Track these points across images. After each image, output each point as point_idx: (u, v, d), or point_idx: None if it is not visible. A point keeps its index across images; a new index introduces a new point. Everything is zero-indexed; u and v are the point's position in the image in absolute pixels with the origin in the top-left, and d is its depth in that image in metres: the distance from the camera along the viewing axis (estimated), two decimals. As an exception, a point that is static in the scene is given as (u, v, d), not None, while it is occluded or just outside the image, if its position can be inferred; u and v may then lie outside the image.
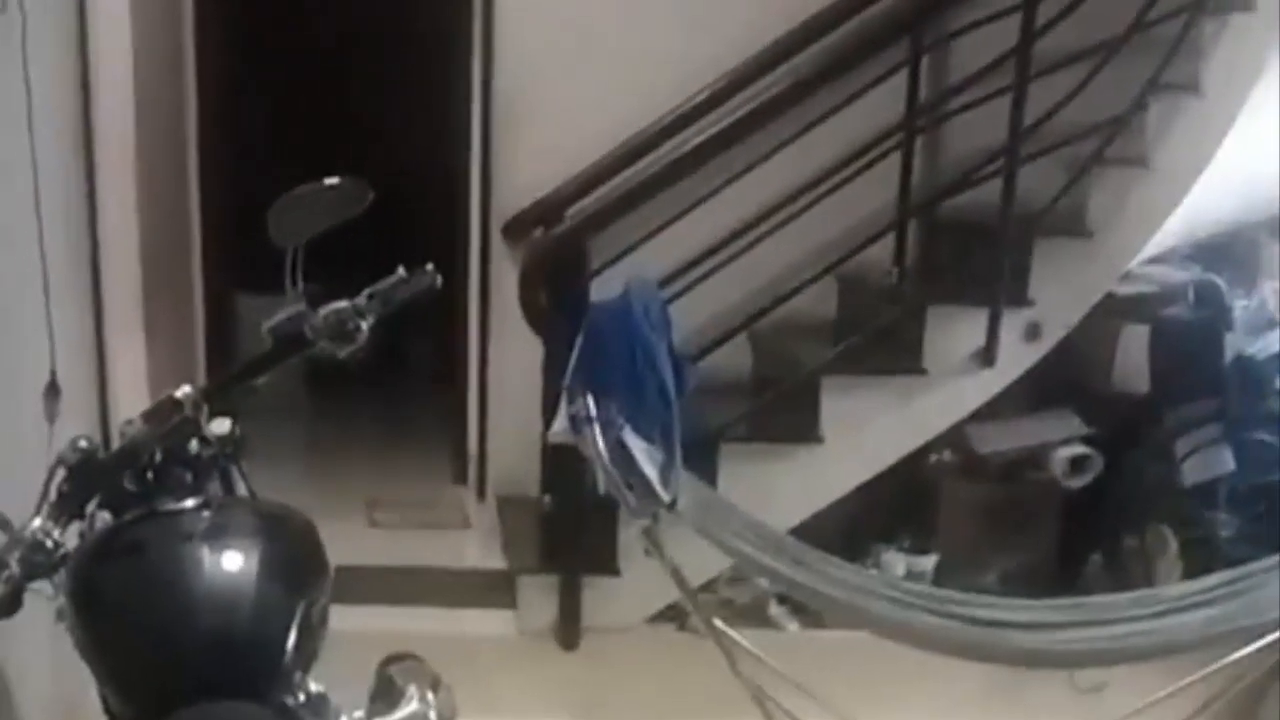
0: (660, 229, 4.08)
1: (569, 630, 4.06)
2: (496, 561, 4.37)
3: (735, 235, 4.08)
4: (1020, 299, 4.17)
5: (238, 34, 5.04)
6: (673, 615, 4.13)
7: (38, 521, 1.81)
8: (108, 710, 1.91)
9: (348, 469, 5.16)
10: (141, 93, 3.63)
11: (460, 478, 5.04)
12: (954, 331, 4.17)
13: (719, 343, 4.12)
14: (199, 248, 4.85)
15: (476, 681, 1.99)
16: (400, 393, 5.71)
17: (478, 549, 4.59)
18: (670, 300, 3.77)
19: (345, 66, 6.08)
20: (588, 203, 4.11)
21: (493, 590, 4.21)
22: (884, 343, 4.17)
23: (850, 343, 4.16)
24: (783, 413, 4.15)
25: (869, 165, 4.22)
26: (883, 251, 4.37)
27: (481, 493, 4.87)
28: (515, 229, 4.49)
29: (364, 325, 2.00)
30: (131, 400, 3.43)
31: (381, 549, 4.32)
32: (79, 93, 3.29)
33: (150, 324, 3.79)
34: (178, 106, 4.57)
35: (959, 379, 4.19)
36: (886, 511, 4.49)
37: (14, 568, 1.74)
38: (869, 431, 4.18)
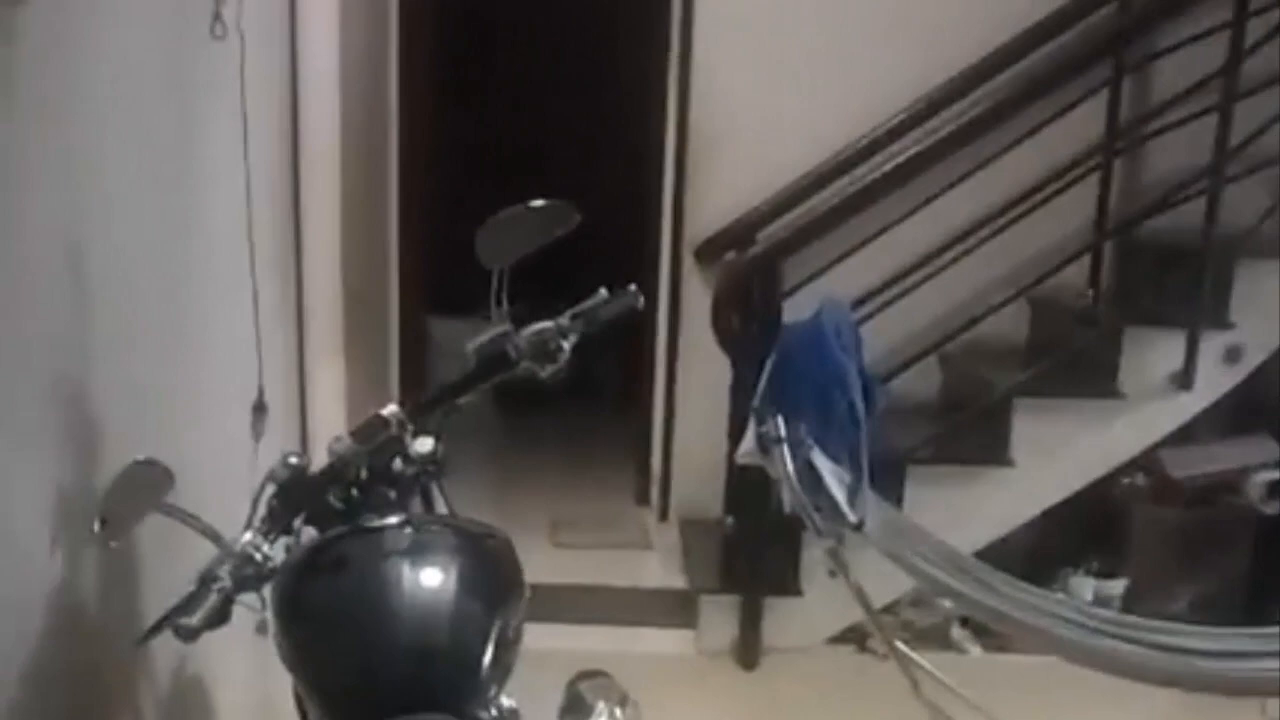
0: (853, 251, 4.07)
1: (749, 650, 4.06)
2: (677, 581, 4.39)
3: (928, 257, 4.05)
4: (1221, 321, 4.07)
5: (439, 62, 5.16)
6: (853, 637, 4.10)
7: (248, 536, 1.84)
8: (305, 721, 1.97)
9: (533, 489, 5.21)
10: (346, 120, 3.72)
11: (643, 499, 5.07)
12: (1151, 354, 4.08)
13: (909, 364, 4.09)
14: (396, 271, 4.96)
15: (657, 700, 2.00)
16: (586, 414, 5.76)
17: (659, 569, 4.60)
18: (861, 322, 3.76)
19: (542, 91, 6.16)
20: (780, 225, 4.13)
21: (674, 610, 4.22)
22: (1077, 365, 4.09)
23: (1044, 365, 4.10)
24: (972, 435, 4.12)
25: (1066, 187, 4.15)
26: (1076, 274, 4.28)
27: (664, 514, 4.89)
28: (707, 252, 4.52)
29: (566, 345, 2.02)
30: (329, 419, 3.52)
31: (565, 568, 4.34)
32: (289, 120, 3.38)
33: (348, 345, 3.89)
34: (380, 133, 4.68)
35: (1155, 402, 4.10)
36: (1076, 535, 4.40)
37: (225, 580, 1.77)
38: (1060, 454, 4.11)
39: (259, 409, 2.94)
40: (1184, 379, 4.07)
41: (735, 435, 3.65)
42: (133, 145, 2.22)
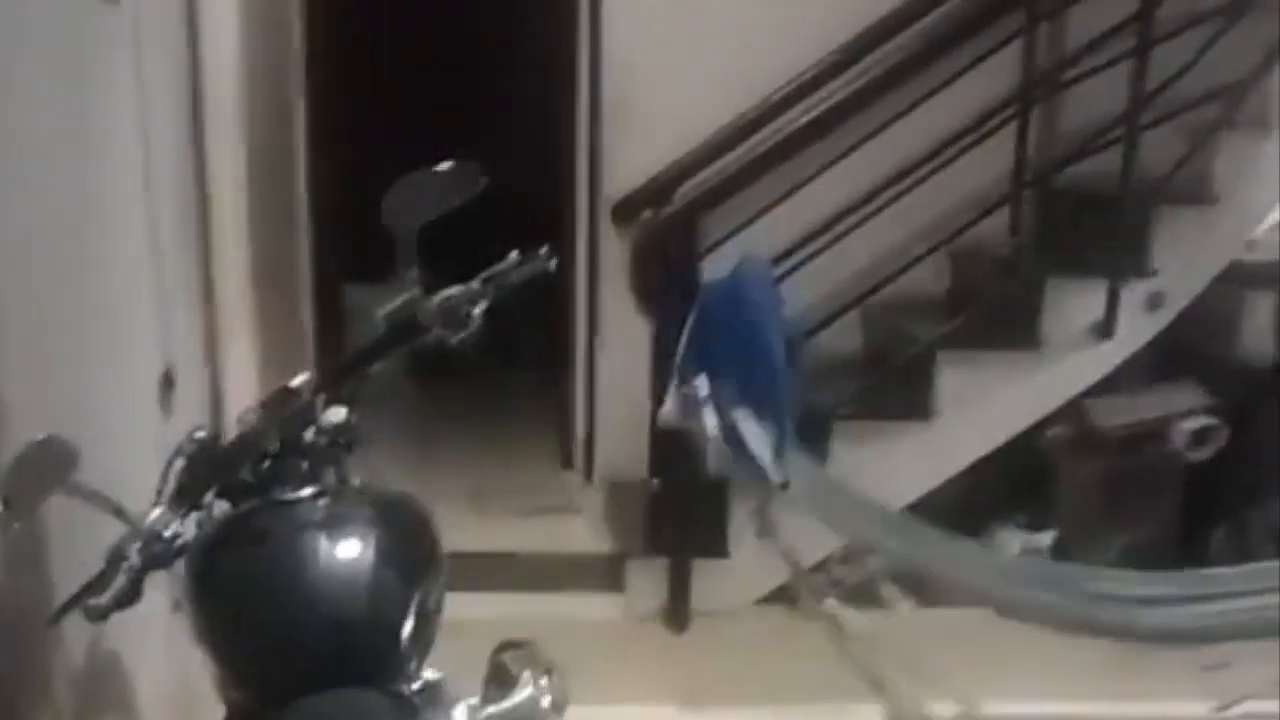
0: (770, 207, 4.03)
1: (678, 613, 4.04)
2: (604, 546, 4.36)
3: (846, 211, 4.03)
4: (1141, 269, 4.10)
5: (348, 21, 5.06)
6: (783, 597, 4.08)
7: (156, 512, 1.82)
8: (225, 699, 1.92)
9: (455, 456, 5.15)
10: (250, 82, 3.65)
11: (567, 463, 5.04)
12: (1072, 303, 4.10)
13: (831, 319, 4.08)
14: (308, 237, 4.87)
15: (585, 666, 1.97)
16: (507, 378, 5.72)
17: (586, 533, 4.57)
18: (781, 278, 3.73)
19: (452, 48, 6.08)
20: (697, 182, 4.08)
21: (601, 575, 4.20)
22: (1000, 317, 4.10)
23: (965, 317, 4.10)
24: (896, 389, 4.11)
25: (984, 137, 4.14)
26: (997, 225, 4.28)
27: (589, 477, 4.86)
28: (624, 211, 4.45)
29: (477, 311, 1.98)
30: (242, 391, 3.46)
31: (489, 535, 4.30)
32: (189, 84, 3.31)
33: (261, 314, 3.82)
34: (286, 95, 4.59)
35: (1078, 352, 4.13)
36: (1002, 488, 4.42)
37: (134, 558, 1.76)
38: (984, 407, 4.13)
39: (166, 383, 2.88)
40: (1106, 328, 4.09)
41: (658, 396, 3.62)
42: (29, 116, 2.15)
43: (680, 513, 4.04)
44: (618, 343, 4.48)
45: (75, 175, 2.43)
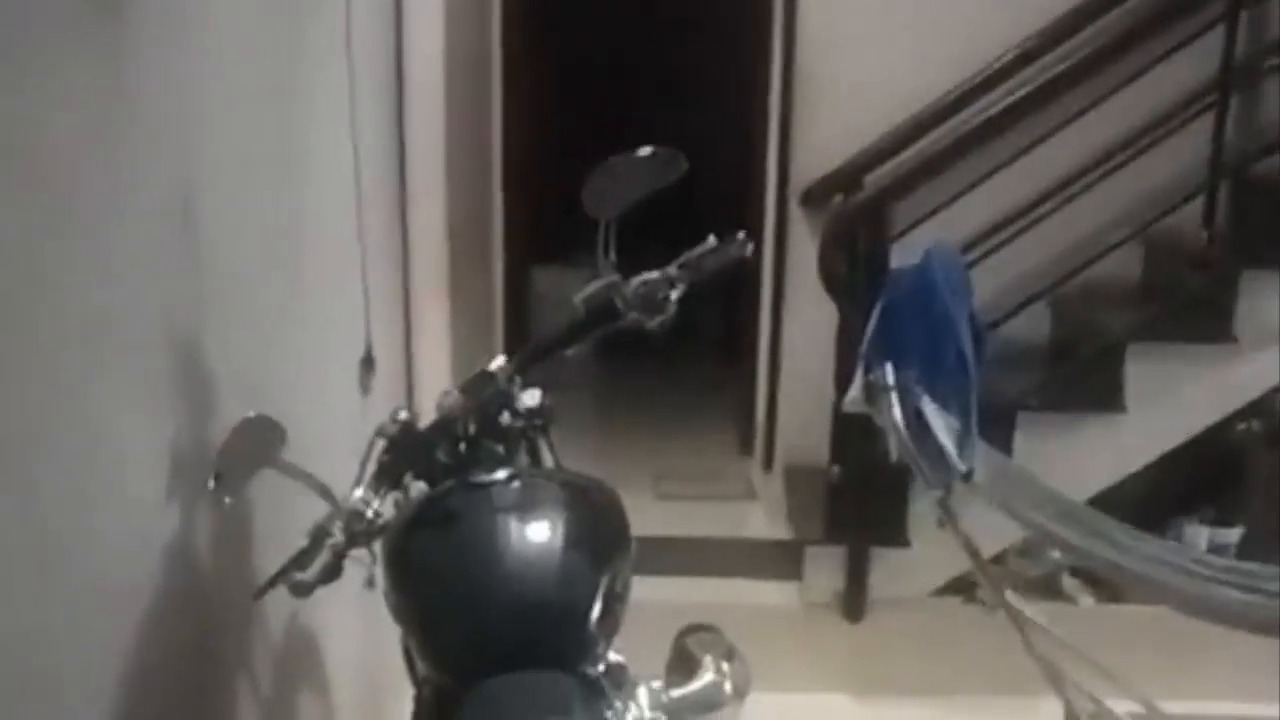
0: (962, 194, 4.01)
1: (855, 602, 4.02)
2: (782, 533, 4.37)
3: (1039, 200, 3.98)
4: (1340, 261, 3.93)
5: (543, 7, 5.14)
6: (961, 588, 4.04)
7: (358, 491, 1.86)
8: (414, 677, 1.98)
9: (636, 441, 5.21)
10: (449, 69, 3.72)
11: (747, 449, 5.05)
12: (1267, 297, 3.95)
13: (1019, 309, 4.02)
14: (500, 221, 4.96)
15: (760, 653, 1.97)
16: (689, 364, 5.75)
17: (764, 520, 4.59)
18: (971, 266, 3.69)
19: (647, 36, 6.13)
20: (888, 169, 4.07)
21: (778, 562, 4.20)
22: (1192, 309, 4.00)
23: (1158, 308, 4.01)
24: (1084, 381, 4.04)
25: (1181, 125, 4.04)
26: (1192, 215, 4.17)
27: (768, 464, 4.87)
28: (813, 196, 4.46)
29: (674, 295, 2.00)
30: (435, 372, 3.55)
31: (669, 520, 4.33)
32: (394, 76, 3.38)
33: (453, 297, 3.90)
34: (483, 85, 4.68)
35: (1271, 346, 3.97)
36: (1190, 483, 4.30)
37: (337, 536, 1.80)
38: (1174, 400, 4.01)
39: (367, 363, 2.95)
40: (1303, 322, 3.95)
41: (841, 383, 3.61)
42: (242, 93, 2.22)
43: (860, 501, 4.03)
44: (802, 330, 4.50)
45: (285, 155, 2.50)
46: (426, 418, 2.02)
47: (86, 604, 1.63)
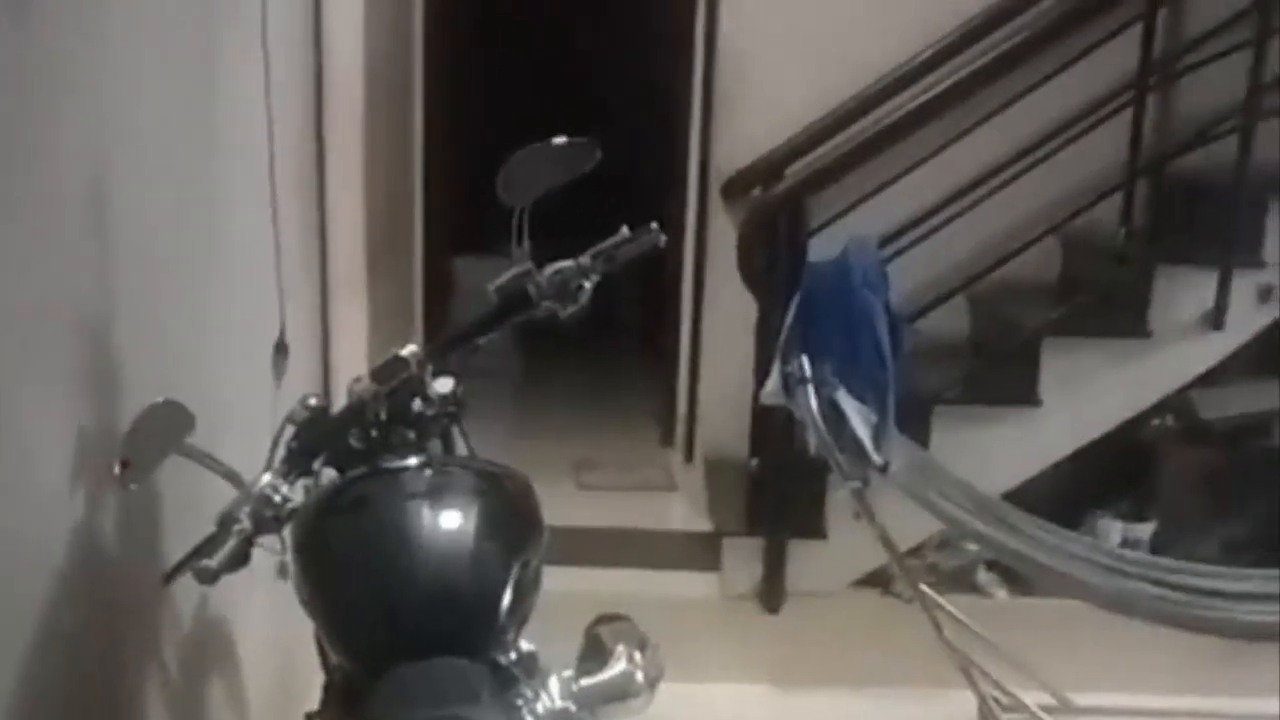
0: (880, 189, 4.03)
1: (773, 594, 4.03)
2: (702, 524, 4.37)
3: (956, 195, 3.99)
4: (1254, 260, 3.99)
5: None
6: (878, 580, 4.07)
7: (267, 477, 1.86)
8: (325, 664, 1.97)
9: (556, 431, 5.19)
10: (369, 59, 3.69)
11: (668, 440, 5.05)
12: (1183, 293, 4.01)
13: (937, 303, 4.05)
14: (421, 210, 4.92)
15: (679, 643, 1.98)
16: (610, 354, 5.74)
17: (684, 511, 4.59)
18: (889, 260, 3.71)
19: (566, 26, 6.11)
20: (808, 162, 4.06)
21: (698, 553, 4.19)
22: (1108, 304, 4.05)
23: (1074, 304, 4.05)
24: (1000, 375, 4.07)
25: (1099, 123, 4.08)
26: (1109, 212, 4.22)
27: (689, 455, 4.88)
28: (734, 188, 4.47)
29: (588, 285, 2.01)
30: (351, 360, 3.51)
31: (588, 510, 4.33)
32: (313, 63, 3.36)
33: (371, 285, 3.87)
34: (403, 71, 4.64)
35: (1186, 342, 4.04)
36: (1104, 477, 4.35)
37: (245, 522, 1.80)
38: (1089, 395, 4.06)
39: (280, 349, 2.93)
40: (1216, 318, 4.00)
41: (761, 375, 3.62)
42: (156, 74, 2.20)
43: (779, 493, 4.04)
44: (722, 321, 4.50)
45: (200, 137, 2.48)
46: (341, 406, 2.01)
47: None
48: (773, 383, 3.33)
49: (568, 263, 2.02)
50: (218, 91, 2.57)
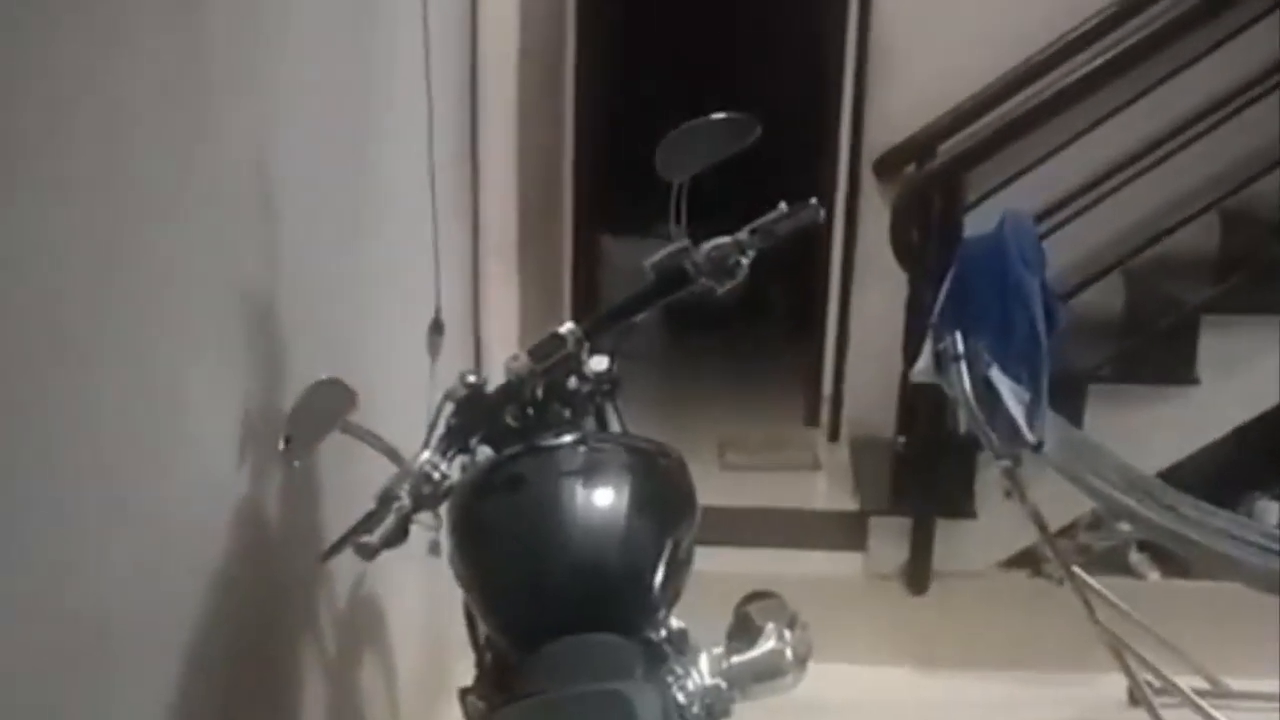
0: (1037, 164, 3.96)
1: (919, 574, 3.98)
2: (847, 503, 4.35)
3: (1114, 170, 3.91)
4: None
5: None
6: (1027, 561, 4.01)
7: (426, 454, 1.86)
8: (475, 641, 2.00)
9: (702, 409, 5.19)
10: (524, 42, 3.72)
11: (812, 419, 5.03)
12: (1348, 269, 3.88)
13: (1093, 280, 3.96)
14: (570, 188, 4.96)
15: (823, 624, 1.95)
16: (757, 334, 5.73)
17: (828, 490, 4.57)
18: (1045, 236, 3.65)
19: (723, 4, 6.09)
20: (962, 137, 4.02)
21: (843, 532, 4.16)
22: (1269, 280, 3.92)
23: (1233, 280, 3.94)
24: (1156, 353, 3.97)
25: (1260, 96, 3.95)
26: (1271, 186, 4.09)
27: (834, 434, 4.86)
28: (886, 165, 4.44)
29: (745, 261, 2.00)
30: (503, 337, 3.57)
31: (733, 490, 4.29)
32: (469, 42, 3.39)
33: (522, 263, 3.92)
34: (556, 53, 4.68)
35: (1351, 318, 3.91)
36: (1263, 457, 4.23)
37: (403, 499, 1.79)
38: (1248, 373, 3.94)
39: (436, 327, 2.97)
40: (1381, 293, 3.87)
41: (910, 353, 3.59)
42: (316, 57, 2.24)
43: (926, 471, 4.00)
44: (871, 299, 4.48)
45: (360, 120, 2.52)
46: (495, 383, 2.02)
47: (156, 563, 1.66)
48: (924, 360, 3.30)
49: (725, 239, 2.00)
50: (376, 66, 2.61)
